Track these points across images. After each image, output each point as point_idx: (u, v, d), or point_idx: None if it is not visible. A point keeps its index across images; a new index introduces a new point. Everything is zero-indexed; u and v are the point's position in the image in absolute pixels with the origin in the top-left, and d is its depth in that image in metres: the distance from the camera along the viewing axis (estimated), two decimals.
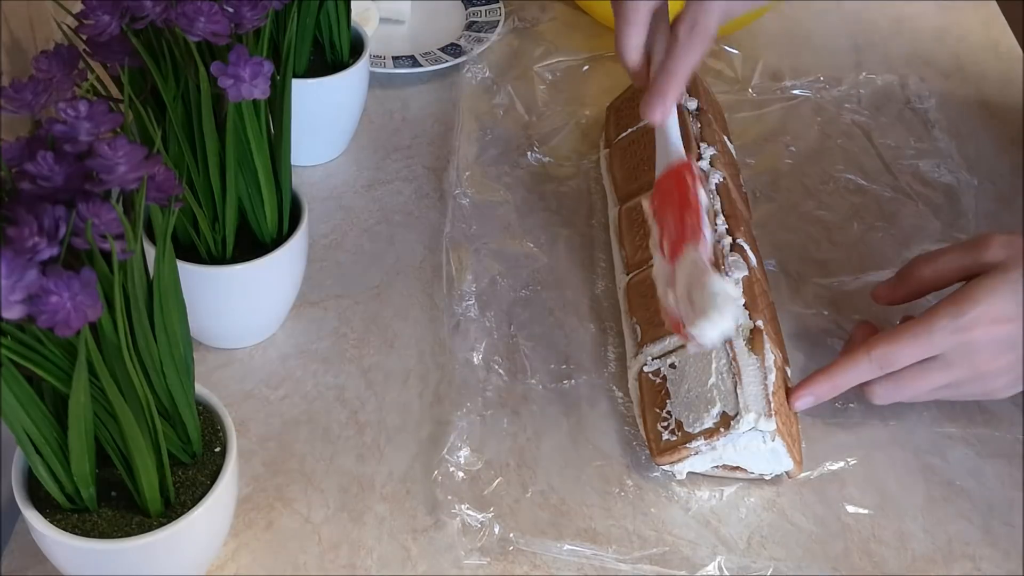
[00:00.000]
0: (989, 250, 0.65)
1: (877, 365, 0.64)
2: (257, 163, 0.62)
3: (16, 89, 0.47)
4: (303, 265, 0.71)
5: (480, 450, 0.66)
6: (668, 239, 0.60)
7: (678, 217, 0.60)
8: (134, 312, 0.47)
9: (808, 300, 0.78)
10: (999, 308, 0.63)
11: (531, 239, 0.81)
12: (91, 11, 0.53)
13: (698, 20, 0.59)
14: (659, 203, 0.62)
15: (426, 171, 0.86)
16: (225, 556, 0.60)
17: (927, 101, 0.96)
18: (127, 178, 0.44)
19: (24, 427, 0.47)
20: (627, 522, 0.64)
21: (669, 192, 0.61)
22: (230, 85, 0.54)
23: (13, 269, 0.39)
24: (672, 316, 0.60)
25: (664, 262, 0.61)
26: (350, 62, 0.82)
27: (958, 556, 0.64)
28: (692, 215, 0.59)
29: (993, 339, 0.63)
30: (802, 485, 0.67)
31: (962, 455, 0.69)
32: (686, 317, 0.59)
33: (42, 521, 0.51)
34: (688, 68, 0.60)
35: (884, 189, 0.88)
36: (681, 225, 0.60)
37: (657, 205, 0.62)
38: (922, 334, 0.63)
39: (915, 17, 1.09)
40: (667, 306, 0.61)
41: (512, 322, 0.74)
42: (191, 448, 0.55)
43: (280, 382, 0.70)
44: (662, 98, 0.61)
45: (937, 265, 0.68)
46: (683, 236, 0.59)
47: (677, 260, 0.60)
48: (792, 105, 0.95)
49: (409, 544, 0.62)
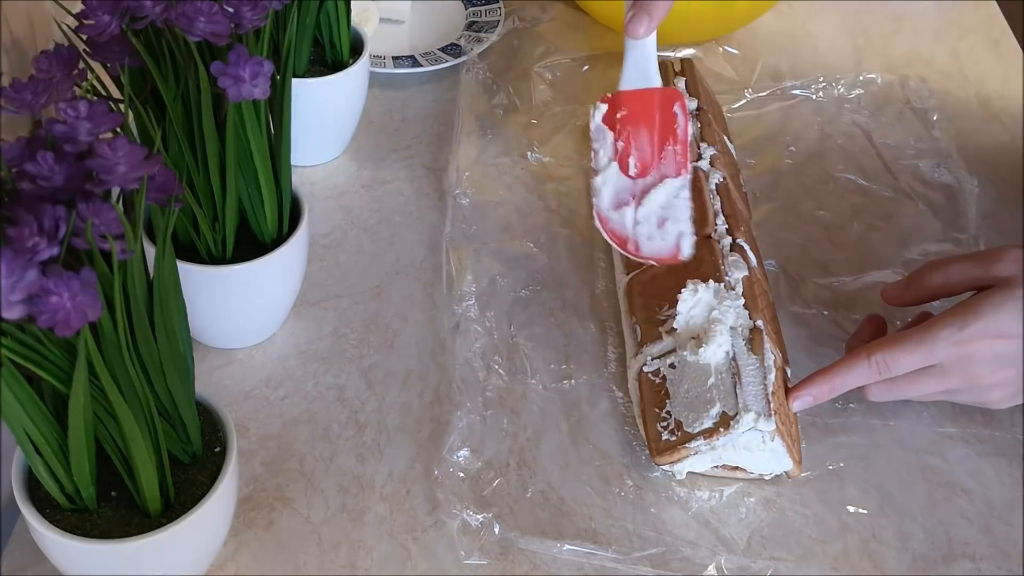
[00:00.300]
0: (1001, 264, 0.65)
1: (876, 370, 0.64)
2: (257, 163, 0.62)
3: (16, 89, 0.47)
4: (303, 265, 0.71)
5: (480, 450, 0.66)
6: (639, 157, 0.63)
7: (657, 141, 0.63)
8: (134, 312, 0.47)
9: (808, 300, 0.78)
10: (1002, 324, 0.63)
11: (531, 239, 0.81)
12: (91, 11, 0.53)
13: None
14: (630, 116, 0.63)
15: (426, 171, 0.86)
16: (225, 556, 0.60)
17: (927, 101, 0.96)
18: (127, 178, 0.44)
19: (24, 427, 0.47)
20: (627, 522, 0.64)
21: (647, 110, 0.63)
22: (230, 85, 0.54)
23: (13, 269, 0.39)
24: (615, 228, 0.63)
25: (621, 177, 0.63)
26: (350, 62, 0.82)
27: (958, 556, 0.64)
28: (680, 146, 0.63)
29: (993, 354, 0.63)
30: (802, 485, 0.67)
31: (962, 455, 0.69)
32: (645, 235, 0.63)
33: (42, 521, 0.51)
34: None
35: (884, 189, 0.88)
36: (659, 149, 0.63)
37: (627, 118, 0.63)
38: (924, 343, 0.63)
39: (915, 17, 1.09)
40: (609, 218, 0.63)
41: (512, 322, 0.74)
42: (191, 448, 0.55)
43: (280, 382, 0.70)
44: (648, 13, 0.62)
45: (948, 273, 0.68)
46: (658, 159, 0.63)
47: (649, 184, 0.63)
48: (792, 105, 0.95)
49: (409, 544, 0.62)
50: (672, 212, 0.62)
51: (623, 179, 0.63)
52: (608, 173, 0.63)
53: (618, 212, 0.63)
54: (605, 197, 0.64)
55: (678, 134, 0.62)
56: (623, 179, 0.63)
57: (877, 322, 0.70)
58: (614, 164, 0.63)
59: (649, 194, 0.63)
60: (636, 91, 0.63)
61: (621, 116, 0.63)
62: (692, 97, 0.81)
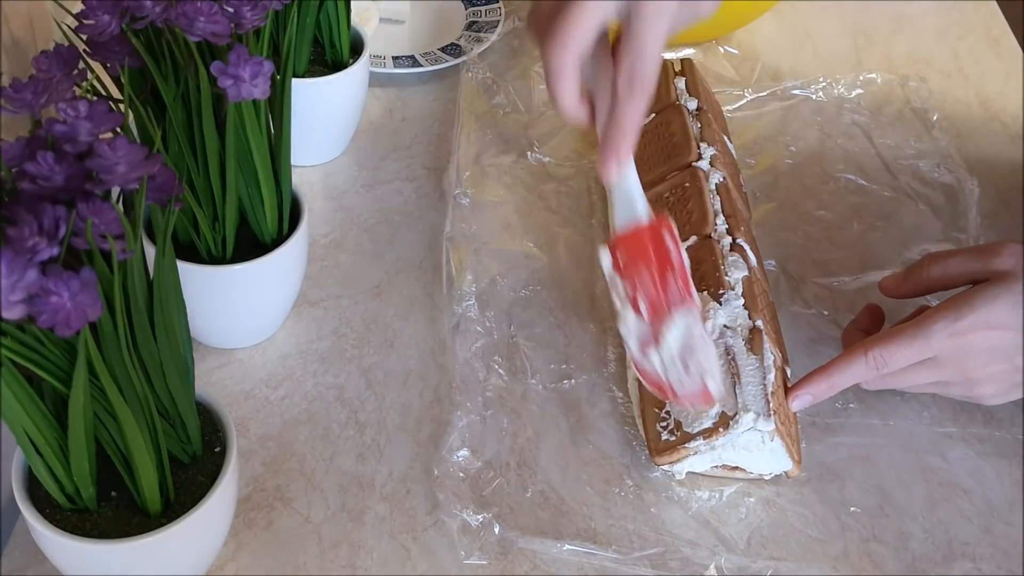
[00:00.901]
0: (999, 257, 0.65)
1: (874, 366, 0.64)
2: (257, 163, 0.62)
3: (16, 89, 0.47)
4: (303, 265, 0.71)
5: (480, 450, 0.66)
6: (646, 298, 0.60)
7: (658, 276, 0.60)
8: (134, 312, 0.47)
9: (808, 300, 0.78)
10: (997, 316, 0.63)
11: (531, 239, 0.81)
12: (91, 11, 0.53)
13: (635, 71, 0.55)
14: (629, 258, 0.60)
15: (426, 171, 0.86)
16: (225, 556, 0.60)
17: (927, 101, 0.96)
18: (127, 178, 0.44)
19: (24, 427, 0.47)
20: (627, 522, 0.64)
21: (641, 248, 0.60)
22: (230, 85, 0.54)
23: (13, 269, 0.39)
24: (651, 377, 0.61)
25: (639, 320, 0.61)
26: (350, 62, 0.82)
27: (958, 556, 0.64)
28: (679, 277, 0.59)
29: (987, 346, 0.63)
30: (802, 485, 0.67)
31: (962, 455, 0.69)
32: (676, 379, 0.60)
33: (42, 521, 0.51)
34: (636, 119, 0.57)
35: (884, 189, 0.88)
36: (663, 284, 0.59)
37: (626, 260, 0.60)
38: (919, 337, 0.63)
39: (915, 17, 1.09)
40: (643, 366, 0.61)
41: (512, 322, 0.74)
42: (191, 448, 0.55)
43: (280, 382, 0.70)
44: (616, 154, 0.57)
45: (946, 266, 0.68)
46: (666, 296, 0.59)
47: (662, 321, 0.59)
48: (792, 105, 0.95)
49: (409, 544, 0.62)
50: (690, 352, 0.59)
51: (641, 323, 0.61)
52: (628, 320, 0.61)
53: (646, 356, 0.60)
54: (632, 345, 0.61)
55: (674, 264, 0.59)
56: (641, 323, 0.61)
57: (875, 311, 0.71)
58: (629, 309, 0.61)
59: (664, 336, 0.59)
60: (627, 232, 0.60)
61: (622, 260, 0.61)
62: (692, 97, 0.81)
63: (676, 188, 0.75)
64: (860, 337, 0.70)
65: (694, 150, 0.76)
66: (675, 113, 0.80)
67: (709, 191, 0.73)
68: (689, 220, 0.72)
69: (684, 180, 0.75)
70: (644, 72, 0.55)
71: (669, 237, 0.59)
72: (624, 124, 0.57)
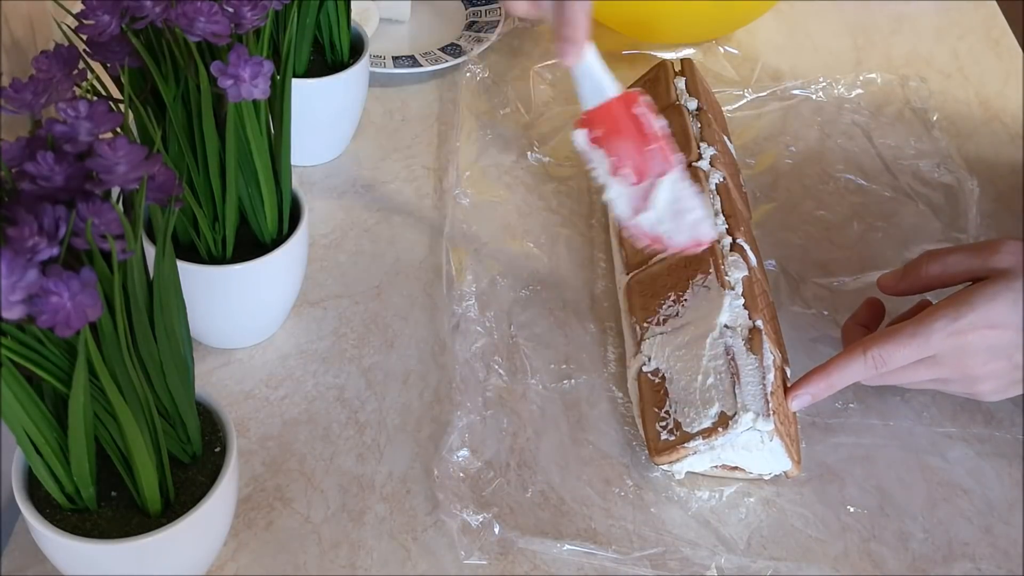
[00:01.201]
0: (997, 255, 0.65)
1: (873, 365, 0.64)
2: (257, 163, 0.62)
3: (16, 89, 0.47)
4: (303, 265, 0.71)
5: (480, 450, 0.66)
6: (630, 164, 0.64)
7: (638, 145, 0.64)
8: (134, 312, 0.47)
9: (808, 300, 0.78)
10: (997, 314, 0.63)
11: (531, 239, 0.81)
12: (91, 11, 0.53)
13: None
14: (606, 131, 0.64)
15: (426, 171, 0.86)
16: (225, 556, 0.60)
17: (927, 101, 0.96)
18: (127, 178, 0.44)
19: (24, 427, 0.47)
20: (627, 522, 0.64)
21: (616, 122, 0.65)
22: (230, 85, 0.54)
23: (13, 269, 0.39)
24: (644, 232, 0.65)
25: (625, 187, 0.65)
26: (350, 62, 0.82)
27: (958, 556, 0.64)
28: (659, 143, 0.64)
29: (987, 345, 0.63)
30: (802, 485, 0.67)
31: (962, 455, 0.69)
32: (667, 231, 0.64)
33: (42, 521, 0.51)
34: (585, 10, 0.62)
35: (884, 189, 0.88)
36: (644, 152, 0.64)
37: (603, 133, 0.65)
38: (919, 336, 0.63)
39: (915, 17, 1.09)
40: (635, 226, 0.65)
41: (512, 322, 0.74)
42: (191, 448, 0.55)
43: (280, 382, 0.70)
44: (572, 43, 0.62)
45: (945, 264, 0.67)
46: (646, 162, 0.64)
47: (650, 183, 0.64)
48: (792, 105, 0.95)
49: (409, 544, 0.62)
50: (680, 204, 0.64)
51: (629, 188, 0.65)
52: (613, 187, 0.65)
53: (639, 218, 0.65)
54: (622, 208, 0.65)
55: (650, 132, 0.64)
56: (629, 188, 0.65)
57: (874, 305, 0.70)
58: (613, 181, 0.65)
59: (653, 196, 0.64)
60: (598, 107, 0.65)
61: (598, 134, 0.65)
62: (692, 97, 0.81)
63: None
64: (860, 332, 0.70)
65: (694, 150, 0.76)
66: (675, 113, 0.80)
67: (709, 191, 0.74)
68: None
69: None
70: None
71: (644, 108, 0.64)
72: (574, 16, 0.61)
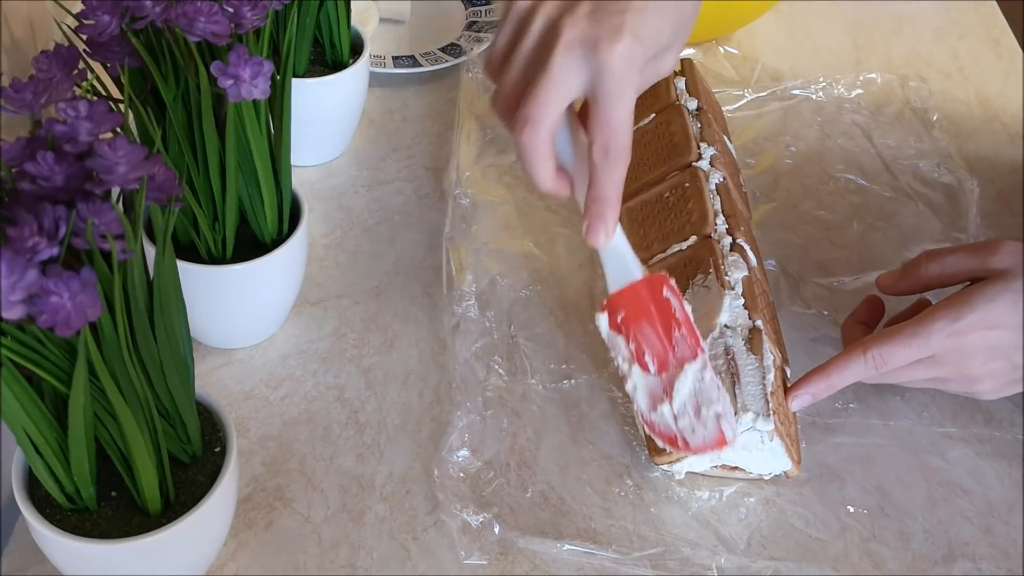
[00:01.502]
0: (997, 256, 0.65)
1: (873, 365, 0.64)
2: (257, 163, 0.62)
3: (16, 89, 0.47)
4: (303, 265, 0.71)
5: (480, 450, 0.66)
6: (652, 352, 0.61)
7: (662, 330, 0.61)
8: (134, 312, 0.47)
9: (808, 300, 0.78)
10: (996, 315, 0.63)
11: (531, 239, 0.81)
12: (91, 11, 0.53)
13: (609, 143, 0.56)
14: (629, 315, 0.61)
15: (426, 171, 0.86)
16: (225, 556, 0.60)
17: (927, 101, 0.96)
18: (127, 178, 0.44)
19: (24, 427, 0.47)
20: (627, 522, 0.64)
21: (641, 304, 0.61)
22: (230, 85, 0.54)
23: (13, 269, 0.39)
24: (662, 430, 0.61)
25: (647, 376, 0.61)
26: (350, 62, 0.82)
27: (958, 556, 0.64)
28: (684, 328, 0.60)
29: (986, 345, 0.63)
30: (802, 485, 0.67)
31: (962, 455, 0.69)
32: (687, 428, 0.60)
33: (42, 521, 0.51)
34: (617, 187, 0.57)
35: (884, 189, 0.88)
36: (668, 338, 0.60)
37: (627, 318, 0.61)
38: (918, 336, 0.63)
39: (915, 17, 1.09)
40: (654, 421, 0.61)
41: (512, 322, 0.74)
42: (191, 448, 0.55)
43: (280, 382, 0.70)
44: (603, 222, 0.58)
45: (944, 264, 0.68)
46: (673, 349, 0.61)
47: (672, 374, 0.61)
48: (792, 105, 0.95)
49: (409, 544, 0.62)
50: (703, 396, 0.60)
51: (648, 378, 0.61)
52: (634, 376, 0.62)
53: (657, 412, 0.61)
54: (641, 400, 0.62)
55: (678, 317, 0.60)
56: (648, 378, 0.61)
57: (874, 303, 0.71)
58: (635, 366, 0.62)
59: (675, 386, 0.60)
60: (623, 290, 0.61)
61: (622, 319, 0.61)
62: (692, 97, 0.81)
63: (676, 188, 0.75)
64: (859, 330, 0.70)
65: (694, 150, 0.76)
66: (675, 113, 0.80)
67: (709, 191, 0.73)
68: (689, 220, 0.72)
69: (684, 180, 0.75)
70: (618, 143, 0.56)
71: (669, 291, 0.60)
72: (607, 193, 0.57)
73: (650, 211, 0.75)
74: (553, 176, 0.58)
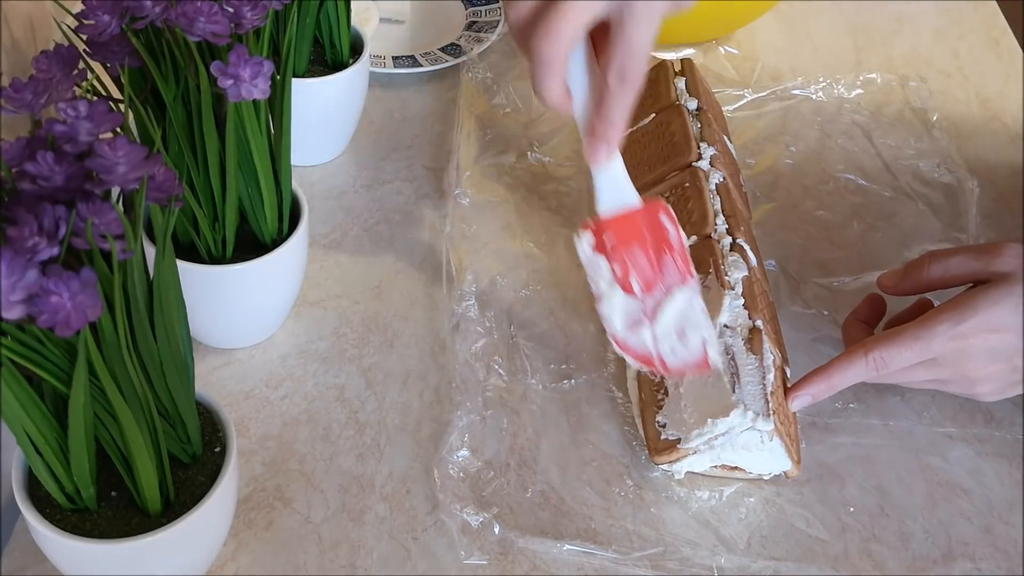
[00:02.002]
0: (1000, 258, 0.65)
1: (874, 367, 0.64)
2: (257, 163, 0.62)
3: (16, 89, 0.47)
4: (303, 265, 0.71)
5: (480, 450, 0.66)
6: (641, 277, 0.61)
7: (654, 255, 0.61)
8: (134, 312, 0.47)
9: (808, 300, 0.78)
10: (998, 318, 0.63)
11: (531, 239, 0.81)
12: (91, 11, 0.53)
13: (626, 67, 0.56)
14: (619, 240, 0.61)
15: (426, 171, 0.86)
16: (225, 556, 0.60)
17: (927, 101, 0.96)
18: (127, 178, 0.44)
19: (24, 427, 0.47)
20: (627, 522, 0.64)
21: (634, 229, 0.61)
22: (230, 85, 0.54)
23: (13, 269, 0.39)
24: (637, 351, 0.62)
25: (630, 299, 0.62)
26: (350, 62, 0.82)
27: (958, 556, 0.64)
28: (678, 255, 0.61)
29: (988, 348, 0.63)
30: (802, 485, 0.67)
31: (962, 455, 0.70)
32: (668, 351, 0.61)
33: (42, 521, 0.51)
34: (625, 112, 0.58)
35: (884, 189, 0.88)
36: (658, 263, 0.61)
37: (616, 242, 0.61)
38: (920, 339, 0.63)
39: (915, 17, 1.09)
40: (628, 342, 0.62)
41: (512, 322, 0.74)
42: (191, 448, 0.55)
43: (280, 382, 0.70)
44: (606, 143, 0.59)
45: (947, 266, 0.67)
46: (659, 274, 0.61)
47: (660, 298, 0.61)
48: (792, 105, 0.95)
49: (409, 544, 0.62)
50: (689, 321, 0.61)
51: (630, 300, 0.62)
52: (613, 299, 0.62)
53: (634, 333, 0.61)
54: (617, 322, 0.62)
55: (673, 244, 0.61)
56: (630, 300, 0.62)
57: (876, 301, 0.70)
58: (617, 289, 0.61)
59: (661, 309, 0.61)
60: (618, 215, 0.61)
61: (610, 242, 0.61)
62: (692, 97, 0.81)
63: (676, 188, 0.75)
64: (860, 328, 0.70)
65: (694, 150, 0.76)
66: (675, 113, 0.80)
67: (709, 191, 0.73)
68: (689, 220, 0.72)
69: (684, 180, 0.75)
70: (636, 68, 0.56)
71: (667, 218, 0.61)
72: (614, 116, 0.58)
73: None
74: (563, 92, 0.58)
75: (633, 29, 0.55)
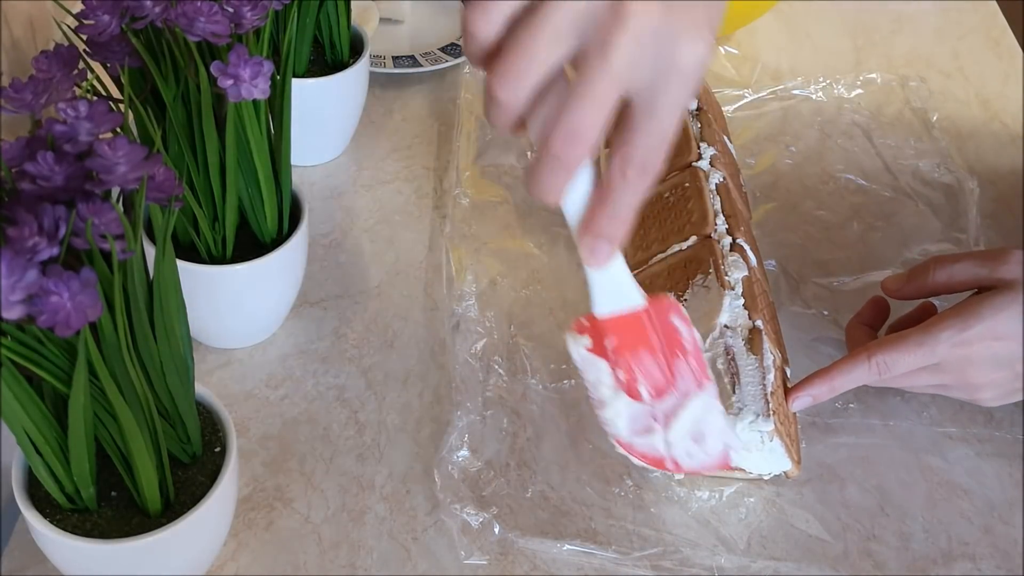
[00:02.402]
0: (1005, 265, 0.65)
1: (876, 371, 0.64)
2: (257, 163, 0.62)
3: (16, 89, 0.47)
4: (303, 265, 0.71)
5: (480, 450, 0.66)
6: (651, 384, 0.55)
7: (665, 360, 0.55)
8: (134, 312, 0.47)
9: (808, 300, 0.78)
10: (1002, 326, 0.63)
11: (531, 239, 0.81)
12: (91, 11, 0.53)
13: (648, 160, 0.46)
14: (622, 342, 0.54)
15: (426, 171, 0.86)
16: (225, 556, 0.60)
17: (927, 101, 0.96)
18: (127, 178, 0.44)
19: (24, 427, 0.47)
20: (627, 522, 0.64)
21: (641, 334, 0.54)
22: (230, 85, 0.54)
23: (13, 269, 0.39)
24: (645, 451, 0.56)
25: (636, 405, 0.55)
26: (350, 62, 0.82)
27: (958, 556, 0.64)
28: (692, 359, 0.55)
29: (991, 355, 0.63)
30: (802, 485, 0.67)
31: (962, 455, 0.69)
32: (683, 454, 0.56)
33: (42, 521, 0.51)
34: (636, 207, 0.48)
35: (884, 189, 0.88)
36: (670, 368, 0.55)
37: (618, 345, 0.54)
38: (924, 344, 0.63)
39: (915, 17, 1.09)
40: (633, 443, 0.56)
41: (512, 322, 0.74)
42: (191, 448, 0.55)
43: (280, 382, 0.70)
44: (611, 243, 0.49)
45: (952, 271, 0.67)
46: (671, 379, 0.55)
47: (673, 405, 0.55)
48: (792, 105, 0.95)
49: (409, 544, 0.62)
50: (708, 426, 0.55)
51: (637, 406, 0.55)
52: (617, 405, 0.55)
53: (643, 437, 0.56)
54: (622, 427, 0.55)
55: (687, 347, 0.54)
56: (637, 406, 0.55)
57: (879, 304, 0.70)
58: (622, 395, 0.54)
59: (676, 416, 0.55)
60: (620, 316, 0.53)
61: (611, 345, 0.53)
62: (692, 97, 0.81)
63: (676, 188, 0.75)
64: (864, 331, 0.70)
65: (694, 150, 0.76)
66: None
67: (709, 191, 0.73)
68: (689, 220, 0.72)
69: (684, 180, 0.75)
70: (658, 159, 0.47)
71: (679, 319, 0.54)
72: (623, 212, 0.48)
73: (650, 211, 0.75)
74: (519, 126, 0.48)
75: (666, 117, 0.45)
